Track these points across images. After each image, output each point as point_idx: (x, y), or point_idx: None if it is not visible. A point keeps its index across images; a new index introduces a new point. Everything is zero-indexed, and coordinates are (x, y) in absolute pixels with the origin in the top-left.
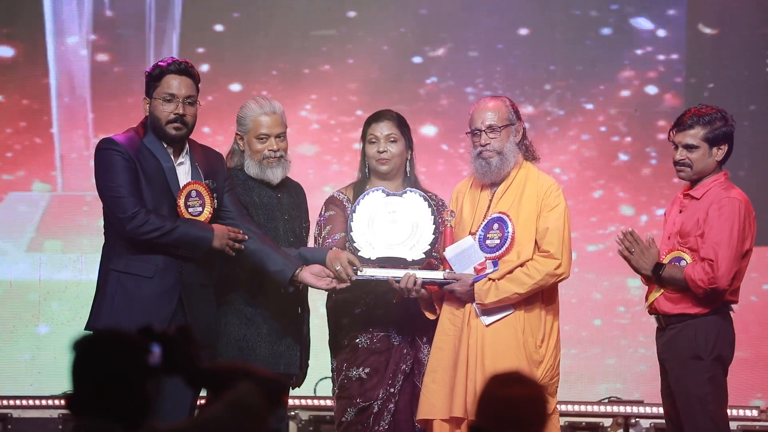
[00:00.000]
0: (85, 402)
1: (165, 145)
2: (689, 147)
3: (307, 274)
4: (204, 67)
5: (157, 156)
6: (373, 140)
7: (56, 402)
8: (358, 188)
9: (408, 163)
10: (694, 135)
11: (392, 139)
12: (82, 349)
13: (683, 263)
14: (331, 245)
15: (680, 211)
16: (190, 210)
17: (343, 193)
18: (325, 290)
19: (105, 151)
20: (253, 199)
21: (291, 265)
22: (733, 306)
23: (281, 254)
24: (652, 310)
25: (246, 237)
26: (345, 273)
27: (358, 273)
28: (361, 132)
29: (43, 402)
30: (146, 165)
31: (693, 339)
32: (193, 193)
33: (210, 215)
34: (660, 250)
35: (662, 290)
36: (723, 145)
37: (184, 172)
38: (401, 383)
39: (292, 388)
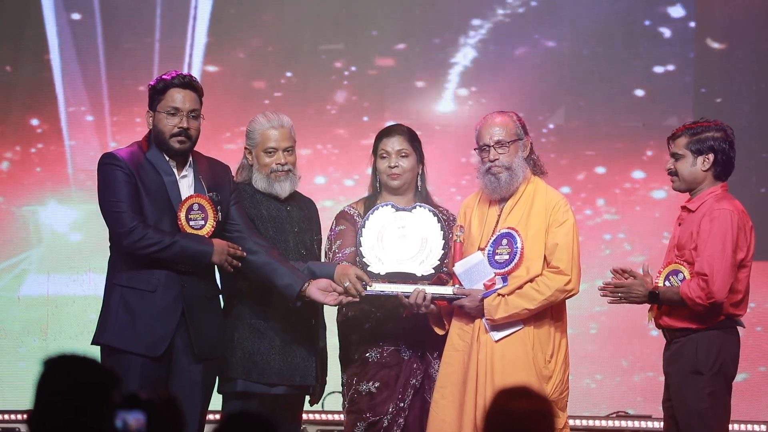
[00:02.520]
0: (44, 421)
1: (168, 159)
2: (675, 156)
3: (314, 289)
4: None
5: (159, 169)
6: (384, 155)
7: None
8: (369, 203)
9: (419, 177)
10: (680, 144)
11: (403, 154)
12: (50, 367)
13: (681, 276)
14: (341, 259)
15: (679, 224)
16: (192, 223)
17: (354, 208)
18: (332, 305)
19: (105, 166)
20: (261, 212)
21: (298, 280)
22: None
23: (289, 268)
24: (658, 324)
25: (244, 254)
26: (354, 288)
27: (367, 288)
28: (372, 147)
29: None
30: (147, 179)
31: (694, 353)
32: (195, 207)
33: (213, 229)
34: (663, 263)
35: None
36: (708, 155)
37: (187, 185)
38: (411, 398)
39: (311, 404)
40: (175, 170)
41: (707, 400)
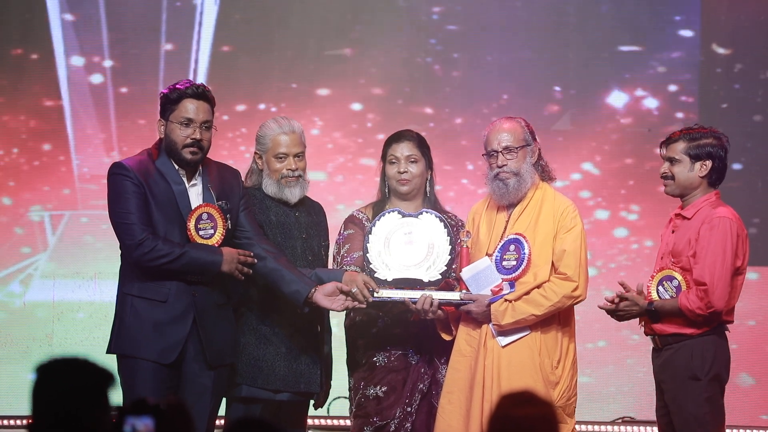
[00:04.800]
0: (43, 428)
1: (177, 168)
2: (671, 160)
3: (320, 295)
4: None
5: (168, 179)
6: (394, 160)
7: None
8: (378, 208)
9: (428, 183)
10: (677, 149)
11: (412, 159)
12: (42, 374)
13: (675, 282)
14: (349, 263)
15: (672, 232)
16: (201, 233)
17: (362, 213)
18: (339, 311)
19: (115, 176)
20: (269, 218)
21: (306, 286)
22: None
23: (296, 275)
24: (648, 330)
25: (255, 261)
26: (361, 295)
27: (374, 294)
28: (381, 152)
29: None
30: (156, 189)
31: (690, 360)
32: (205, 216)
33: (222, 238)
34: (653, 270)
35: None
36: (706, 161)
37: (196, 194)
38: (418, 402)
39: (315, 409)
40: (184, 179)
41: (705, 405)
